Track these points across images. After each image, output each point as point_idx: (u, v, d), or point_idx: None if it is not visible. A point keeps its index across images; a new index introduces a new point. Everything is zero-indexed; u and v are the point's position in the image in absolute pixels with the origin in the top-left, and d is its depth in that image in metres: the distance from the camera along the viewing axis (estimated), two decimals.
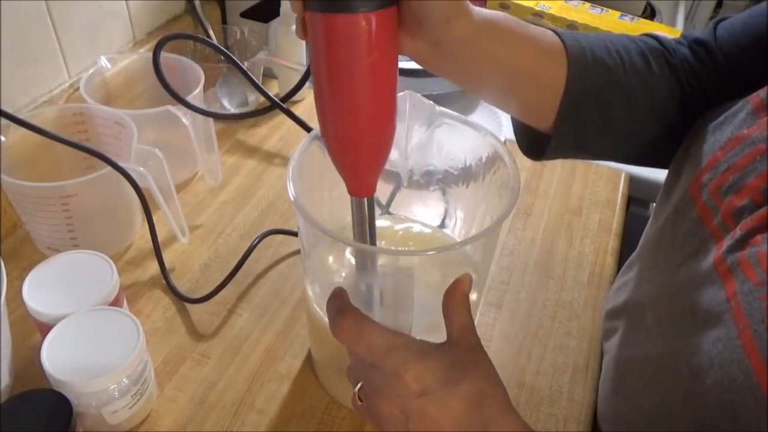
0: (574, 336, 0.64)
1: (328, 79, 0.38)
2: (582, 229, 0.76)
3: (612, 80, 0.48)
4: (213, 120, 0.72)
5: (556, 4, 1.08)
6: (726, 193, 0.43)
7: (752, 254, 0.39)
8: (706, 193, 0.45)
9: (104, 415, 0.50)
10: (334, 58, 0.37)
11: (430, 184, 0.57)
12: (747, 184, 0.42)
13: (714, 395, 0.39)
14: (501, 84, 0.47)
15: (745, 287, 0.38)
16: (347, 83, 0.37)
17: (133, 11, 0.83)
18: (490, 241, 0.52)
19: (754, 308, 0.37)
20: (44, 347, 0.49)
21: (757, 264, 0.38)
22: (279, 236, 0.71)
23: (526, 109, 0.50)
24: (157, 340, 0.61)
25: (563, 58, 0.47)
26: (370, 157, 0.41)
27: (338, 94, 0.38)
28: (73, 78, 0.76)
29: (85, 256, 0.57)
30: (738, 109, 0.45)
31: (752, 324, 0.37)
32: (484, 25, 0.43)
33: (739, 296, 0.39)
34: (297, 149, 0.48)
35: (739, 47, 0.50)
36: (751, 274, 0.39)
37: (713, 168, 0.45)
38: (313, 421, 0.55)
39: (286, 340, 0.62)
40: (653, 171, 0.87)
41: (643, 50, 0.50)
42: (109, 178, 0.60)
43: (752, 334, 0.37)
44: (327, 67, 0.38)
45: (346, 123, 0.39)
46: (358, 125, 0.39)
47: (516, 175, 0.47)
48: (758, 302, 0.37)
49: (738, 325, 0.38)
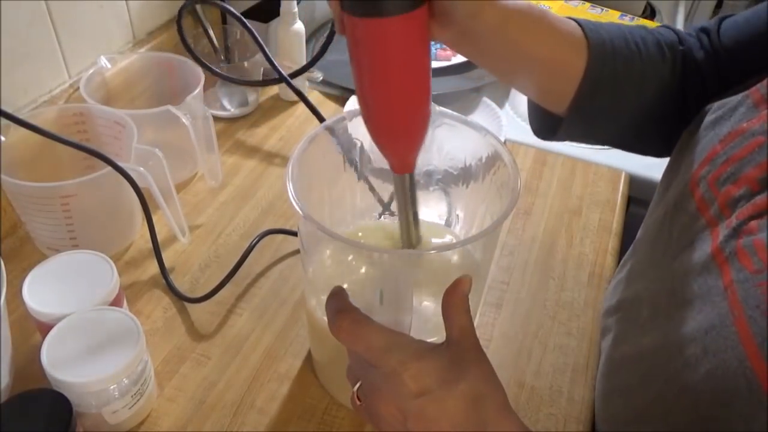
0: (574, 336, 0.64)
1: (368, 74, 0.41)
2: (582, 229, 0.76)
3: (628, 69, 0.50)
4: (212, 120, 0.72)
5: (556, 4, 1.08)
6: (723, 183, 0.43)
7: (749, 243, 0.39)
8: (704, 185, 0.45)
9: (104, 415, 0.50)
10: (372, 55, 0.40)
11: (430, 184, 0.57)
12: (744, 174, 0.42)
13: (708, 384, 0.39)
14: (522, 69, 0.50)
15: (741, 275, 0.39)
16: (384, 77, 0.40)
17: (133, 11, 0.83)
18: (490, 241, 0.52)
19: (750, 295, 0.38)
20: (44, 347, 0.49)
21: (754, 253, 0.39)
22: (279, 236, 0.71)
23: (544, 93, 0.52)
24: (157, 340, 0.61)
25: (583, 46, 0.49)
26: (409, 139, 0.44)
27: (377, 87, 0.41)
28: (73, 78, 0.76)
29: (85, 256, 0.57)
30: (738, 104, 0.46)
31: (747, 310, 0.38)
32: (508, 16, 0.45)
33: (736, 284, 0.39)
34: (297, 149, 0.48)
35: (740, 42, 0.51)
36: (747, 263, 0.39)
37: (712, 161, 0.45)
38: (313, 421, 0.55)
39: (286, 340, 0.62)
40: (653, 171, 0.87)
41: (659, 41, 0.52)
42: (109, 178, 0.60)
43: (747, 320, 0.37)
44: (366, 63, 0.41)
45: (386, 111, 0.42)
46: (397, 113, 0.42)
47: (516, 175, 0.47)
48: (754, 289, 0.38)
49: (734, 312, 0.38)
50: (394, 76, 0.40)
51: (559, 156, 0.87)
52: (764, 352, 0.36)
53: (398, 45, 0.39)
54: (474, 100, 0.94)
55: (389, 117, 0.42)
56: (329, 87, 0.96)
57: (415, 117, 0.43)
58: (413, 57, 0.40)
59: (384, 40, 0.39)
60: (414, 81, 0.41)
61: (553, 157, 0.87)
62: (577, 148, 0.90)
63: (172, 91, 0.78)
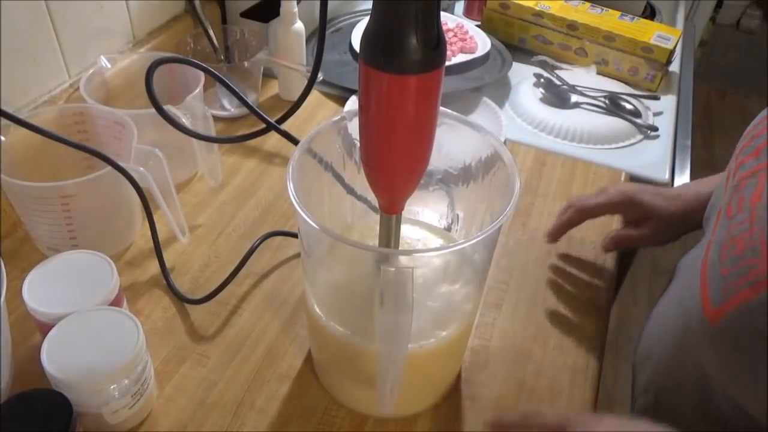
0: (575, 336, 0.64)
1: (375, 121, 0.40)
2: (582, 229, 0.76)
3: None
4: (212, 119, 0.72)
5: (556, 4, 1.08)
6: (744, 154, 0.51)
7: (736, 196, 0.48)
8: (732, 159, 0.53)
9: (104, 415, 0.50)
10: (379, 105, 0.39)
11: (430, 184, 0.57)
12: (759, 145, 0.49)
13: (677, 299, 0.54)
14: None
15: (722, 221, 0.48)
16: (391, 126, 0.40)
17: (133, 11, 0.83)
18: (490, 241, 0.52)
19: (719, 235, 0.48)
20: (44, 347, 0.49)
21: (736, 206, 0.47)
22: (279, 236, 0.71)
23: None
24: (157, 340, 0.61)
25: None
26: (405, 185, 0.44)
27: (383, 135, 0.41)
28: (73, 78, 0.76)
29: (85, 256, 0.57)
30: None
31: (712, 245, 0.48)
32: None
33: (717, 228, 0.49)
34: (297, 149, 0.48)
35: None
36: (729, 211, 0.48)
37: (743, 137, 0.53)
38: (313, 421, 0.55)
39: (286, 340, 0.62)
40: (653, 171, 0.87)
41: None
42: (109, 178, 0.60)
43: (708, 257, 0.48)
44: (373, 111, 0.40)
45: (388, 158, 0.42)
46: (398, 162, 0.42)
47: (516, 175, 0.47)
48: (723, 230, 0.47)
49: (706, 251, 0.50)
50: (407, 130, 0.40)
51: (559, 156, 0.87)
52: (710, 284, 0.46)
53: (409, 101, 0.39)
54: (474, 100, 0.94)
55: (392, 165, 0.42)
56: (329, 87, 0.96)
57: (418, 168, 0.43)
58: (422, 112, 0.40)
59: (396, 95, 0.38)
60: (420, 133, 0.41)
61: (553, 157, 0.87)
62: (577, 148, 0.90)
63: (172, 91, 0.78)
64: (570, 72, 1.05)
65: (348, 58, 1.00)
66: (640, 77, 1.03)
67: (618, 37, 1.02)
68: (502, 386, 0.59)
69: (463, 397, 0.58)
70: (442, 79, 0.39)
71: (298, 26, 0.88)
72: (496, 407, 0.57)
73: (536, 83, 1.01)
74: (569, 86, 1.00)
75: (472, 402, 0.58)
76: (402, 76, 0.37)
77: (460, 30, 1.06)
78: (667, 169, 0.88)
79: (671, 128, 0.97)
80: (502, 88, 1.01)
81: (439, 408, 0.57)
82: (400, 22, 0.36)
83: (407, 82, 0.37)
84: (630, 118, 0.95)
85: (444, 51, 0.38)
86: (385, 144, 0.41)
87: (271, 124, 0.68)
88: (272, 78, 0.96)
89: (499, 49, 1.06)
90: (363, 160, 0.43)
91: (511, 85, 1.02)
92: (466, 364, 0.60)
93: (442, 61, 0.38)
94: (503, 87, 1.01)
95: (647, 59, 1.01)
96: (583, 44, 1.06)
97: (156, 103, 0.59)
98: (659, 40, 1.01)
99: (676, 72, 1.09)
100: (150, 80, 0.58)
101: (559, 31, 1.06)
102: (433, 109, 0.40)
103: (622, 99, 0.98)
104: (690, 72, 1.13)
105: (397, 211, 0.46)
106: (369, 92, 0.39)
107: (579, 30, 1.05)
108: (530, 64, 1.07)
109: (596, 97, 0.98)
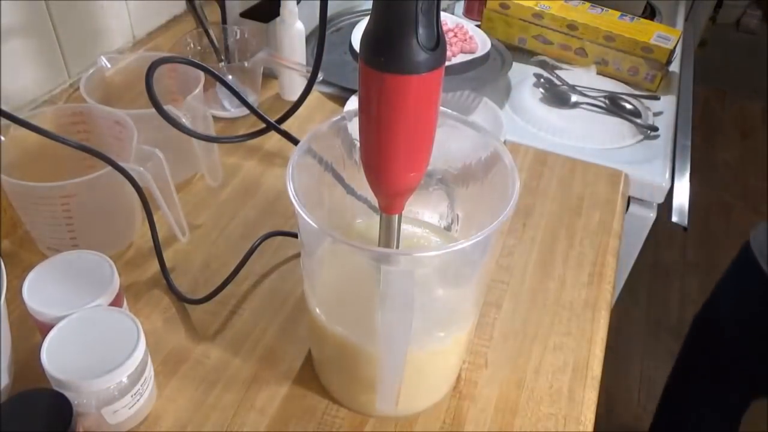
0: (574, 336, 0.64)
1: (375, 122, 0.40)
2: (582, 229, 0.76)
3: None
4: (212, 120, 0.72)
5: (556, 4, 1.08)
6: None
7: None
8: None
9: (104, 415, 0.50)
10: (378, 105, 0.39)
11: (430, 184, 0.57)
12: None
13: None
14: None
15: None
16: (391, 126, 0.40)
17: (133, 11, 0.83)
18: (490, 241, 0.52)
19: None
20: (44, 347, 0.49)
21: None
22: (279, 236, 0.71)
23: None
24: (157, 340, 0.61)
25: None
26: (405, 185, 0.44)
27: (383, 135, 0.41)
28: (73, 78, 0.76)
29: (85, 256, 0.57)
30: None
31: None
32: None
33: None
34: (297, 149, 0.48)
35: None
36: None
37: None
38: (313, 421, 0.55)
39: (286, 340, 0.62)
40: (653, 171, 0.87)
41: None
42: (109, 178, 0.60)
43: None
44: (373, 111, 0.40)
45: (388, 159, 0.42)
46: (398, 162, 0.42)
47: (516, 175, 0.47)
48: None
49: None
50: (407, 130, 0.40)
51: (559, 156, 0.87)
52: None
53: (409, 101, 0.39)
54: (474, 101, 0.94)
55: (392, 166, 0.42)
56: (329, 87, 0.96)
57: (419, 168, 0.43)
58: (421, 112, 0.40)
59: (395, 95, 0.38)
60: (420, 133, 0.41)
61: (553, 157, 0.87)
62: (577, 148, 0.90)
63: (172, 91, 0.78)
64: (570, 72, 1.05)
65: (348, 58, 1.00)
66: (640, 77, 1.04)
67: (618, 37, 1.02)
68: (502, 386, 0.59)
69: (463, 397, 0.58)
70: (442, 80, 0.39)
71: (298, 26, 0.88)
72: (496, 407, 0.57)
73: (536, 83, 1.01)
74: (569, 86, 1.00)
75: (472, 402, 0.58)
76: (402, 76, 0.37)
77: (460, 30, 1.06)
78: (667, 169, 0.88)
79: (671, 128, 0.97)
80: (502, 88, 1.01)
81: (439, 408, 0.57)
82: (400, 23, 0.36)
83: (407, 82, 0.37)
84: (630, 118, 0.95)
85: (444, 51, 0.38)
86: (385, 144, 0.41)
87: (271, 124, 0.68)
88: (272, 78, 0.96)
89: (499, 50, 1.06)
90: (363, 160, 0.43)
91: (511, 85, 1.03)
92: (466, 364, 0.60)
93: (442, 61, 0.38)
94: (503, 87, 1.01)
95: (647, 59, 1.02)
96: (583, 44, 1.06)
97: (156, 103, 0.59)
98: (659, 40, 1.01)
99: (676, 72, 1.10)
100: (150, 80, 0.58)
101: (559, 31, 1.06)
102: (433, 109, 0.40)
103: (622, 99, 0.98)
104: (690, 72, 1.13)
105: (397, 211, 0.46)
106: (369, 92, 0.39)
107: (579, 30, 1.05)
108: (530, 64, 1.07)
109: (596, 97, 0.99)
